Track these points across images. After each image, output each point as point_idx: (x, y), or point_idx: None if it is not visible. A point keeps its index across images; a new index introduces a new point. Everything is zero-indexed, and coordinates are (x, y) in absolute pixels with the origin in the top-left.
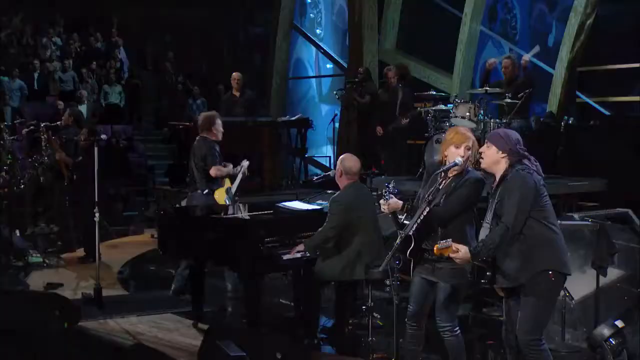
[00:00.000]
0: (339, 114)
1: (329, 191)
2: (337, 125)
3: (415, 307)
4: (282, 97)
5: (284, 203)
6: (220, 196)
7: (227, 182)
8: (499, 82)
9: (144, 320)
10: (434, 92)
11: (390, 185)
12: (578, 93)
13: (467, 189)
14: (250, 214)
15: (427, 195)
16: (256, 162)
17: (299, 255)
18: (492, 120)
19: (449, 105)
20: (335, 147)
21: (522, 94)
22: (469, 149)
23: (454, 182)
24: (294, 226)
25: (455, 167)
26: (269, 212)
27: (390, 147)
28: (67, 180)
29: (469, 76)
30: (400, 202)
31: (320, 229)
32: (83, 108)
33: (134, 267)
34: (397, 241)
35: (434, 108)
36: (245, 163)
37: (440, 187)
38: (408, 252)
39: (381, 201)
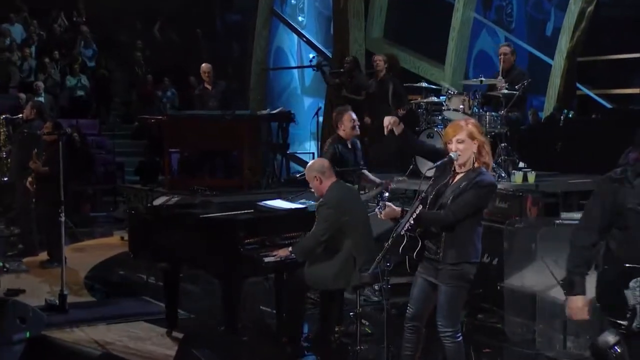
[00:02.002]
0: (323, 107)
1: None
2: (321, 119)
3: (415, 309)
4: (262, 89)
5: (265, 202)
6: None
7: None
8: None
9: (114, 328)
10: (426, 84)
11: (385, 195)
12: (578, 85)
13: (478, 195)
14: (229, 213)
15: (423, 192)
16: (234, 159)
17: (281, 257)
18: (487, 114)
19: (441, 97)
20: (319, 143)
21: (520, 84)
22: (460, 142)
23: (464, 181)
24: (276, 226)
25: (462, 163)
26: (248, 211)
27: (379, 141)
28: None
29: (461, 67)
30: (398, 209)
31: (309, 234)
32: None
33: (102, 272)
34: (388, 242)
35: (425, 100)
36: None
37: (449, 184)
38: (415, 254)
39: (376, 211)
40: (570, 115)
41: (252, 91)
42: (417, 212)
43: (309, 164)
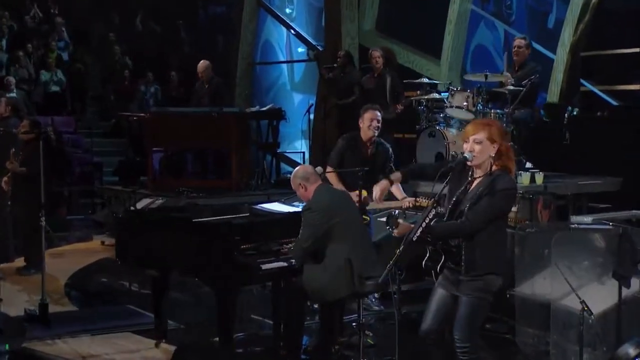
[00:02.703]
0: (314, 104)
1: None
2: (312, 116)
3: (431, 323)
4: (248, 85)
5: (261, 205)
6: None
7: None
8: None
9: (99, 340)
10: (427, 79)
11: (396, 212)
12: (582, 81)
13: (493, 201)
14: (224, 217)
15: (436, 197)
16: (222, 158)
17: (280, 264)
18: (492, 111)
19: (443, 94)
20: (310, 142)
21: (527, 80)
22: (478, 143)
23: (481, 186)
24: (274, 231)
25: (477, 165)
26: (244, 215)
27: None
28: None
29: (458, 61)
30: (412, 225)
31: (295, 242)
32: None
33: (83, 279)
34: (400, 249)
35: (426, 97)
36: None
37: (468, 190)
38: (439, 267)
39: (388, 229)
40: (575, 113)
41: (238, 87)
42: (431, 216)
43: (293, 173)
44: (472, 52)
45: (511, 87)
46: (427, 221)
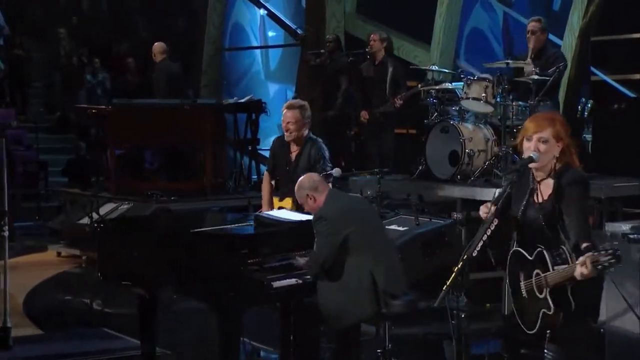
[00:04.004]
0: (292, 94)
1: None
2: None
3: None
4: (216, 74)
5: (267, 212)
6: None
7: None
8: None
9: None
10: (436, 67)
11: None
12: (592, 69)
13: (583, 198)
14: (226, 226)
15: (497, 205)
16: (195, 156)
17: (293, 281)
18: (513, 103)
19: (455, 84)
20: None
21: (554, 68)
22: (544, 142)
23: (551, 190)
24: (283, 243)
25: (541, 166)
26: (247, 224)
27: (375, 138)
28: None
29: (451, 47)
30: None
31: (309, 257)
32: None
33: (44, 296)
34: (458, 266)
35: (437, 88)
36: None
37: (536, 195)
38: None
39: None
40: (589, 105)
41: (204, 76)
42: (492, 228)
43: (297, 185)
44: (467, 36)
45: (536, 77)
46: (488, 232)
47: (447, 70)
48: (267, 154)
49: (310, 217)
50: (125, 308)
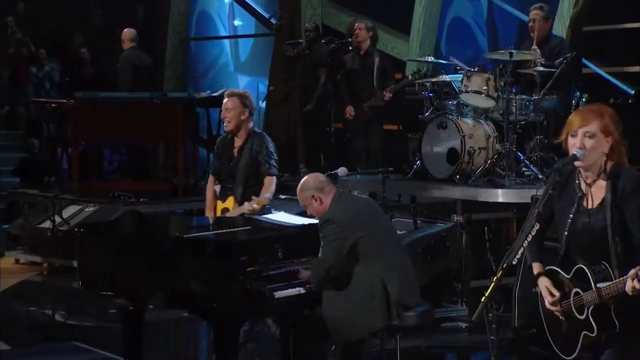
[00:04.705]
0: (265, 87)
1: (282, 196)
2: (262, 105)
3: None
4: (180, 66)
5: (265, 216)
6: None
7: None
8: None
9: None
10: (432, 58)
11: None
12: (584, 61)
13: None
14: (223, 231)
15: (538, 207)
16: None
17: (295, 291)
18: (517, 97)
19: (452, 75)
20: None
21: (561, 59)
22: (591, 137)
23: (605, 191)
24: (284, 249)
25: (587, 165)
26: (245, 228)
27: (361, 134)
28: None
29: (431, 37)
30: None
31: (312, 262)
32: None
33: (2, 308)
34: (497, 275)
35: (434, 80)
36: None
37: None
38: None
39: None
40: (584, 99)
41: (168, 68)
42: (534, 233)
43: (300, 185)
44: (448, 26)
45: (541, 68)
46: (529, 238)
47: (444, 62)
48: None
49: (311, 220)
50: (90, 320)
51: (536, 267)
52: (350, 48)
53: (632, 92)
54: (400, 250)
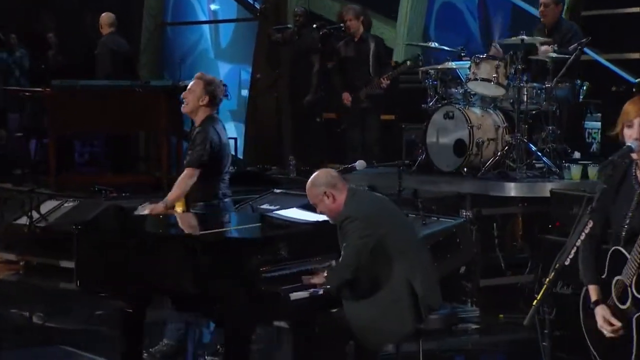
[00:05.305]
0: (248, 75)
1: (277, 190)
2: (245, 93)
3: None
4: (157, 52)
5: (276, 212)
6: None
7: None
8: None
9: None
10: (436, 44)
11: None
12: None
13: None
14: (231, 228)
15: (593, 204)
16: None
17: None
18: (528, 85)
19: (458, 62)
20: (245, 127)
21: (575, 45)
22: None
23: None
24: (299, 247)
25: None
26: (256, 225)
27: (358, 125)
28: None
29: (420, 24)
30: None
31: (335, 265)
32: None
33: None
34: (550, 277)
35: (439, 67)
36: None
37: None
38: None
39: None
40: (585, 88)
41: (143, 55)
42: (587, 231)
43: (310, 181)
44: (437, 11)
45: (554, 55)
46: (582, 237)
47: (447, 48)
48: None
49: (325, 217)
50: (70, 322)
51: (593, 293)
52: (343, 35)
53: (636, 80)
54: (421, 248)
